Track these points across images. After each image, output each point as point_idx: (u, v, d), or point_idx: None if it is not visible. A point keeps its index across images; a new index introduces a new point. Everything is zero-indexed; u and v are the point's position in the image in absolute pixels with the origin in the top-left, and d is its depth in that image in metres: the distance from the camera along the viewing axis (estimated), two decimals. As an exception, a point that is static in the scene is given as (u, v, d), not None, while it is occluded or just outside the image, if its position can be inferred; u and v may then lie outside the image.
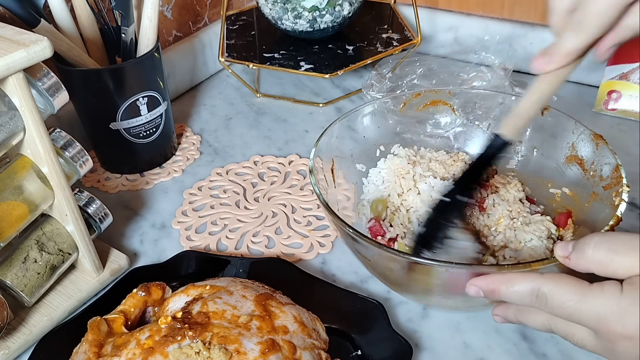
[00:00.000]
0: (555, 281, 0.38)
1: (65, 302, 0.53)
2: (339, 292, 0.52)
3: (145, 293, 0.49)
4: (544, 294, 0.38)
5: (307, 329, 0.45)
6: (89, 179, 0.72)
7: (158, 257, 0.60)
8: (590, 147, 0.53)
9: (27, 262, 0.50)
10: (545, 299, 0.38)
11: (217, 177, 0.71)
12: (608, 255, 0.36)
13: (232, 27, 0.91)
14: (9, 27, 0.45)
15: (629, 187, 0.47)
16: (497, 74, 0.75)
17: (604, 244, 0.36)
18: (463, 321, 0.52)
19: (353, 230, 0.45)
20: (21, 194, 0.48)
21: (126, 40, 0.65)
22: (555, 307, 0.38)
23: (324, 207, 0.48)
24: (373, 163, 0.62)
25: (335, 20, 0.81)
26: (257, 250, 0.60)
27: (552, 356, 0.48)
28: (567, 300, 0.37)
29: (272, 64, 0.81)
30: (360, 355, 0.47)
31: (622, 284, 0.35)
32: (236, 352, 0.41)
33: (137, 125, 0.68)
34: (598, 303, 0.36)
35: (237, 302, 0.46)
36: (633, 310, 0.34)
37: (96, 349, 0.44)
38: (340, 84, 0.89)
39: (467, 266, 0.43)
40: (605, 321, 0.35)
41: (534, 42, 0.85)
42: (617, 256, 0.36)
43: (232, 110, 0.85)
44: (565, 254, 0.38)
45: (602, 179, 0.50)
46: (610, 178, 0.49)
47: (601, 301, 0.35)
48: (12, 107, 0.44)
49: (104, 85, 0.64)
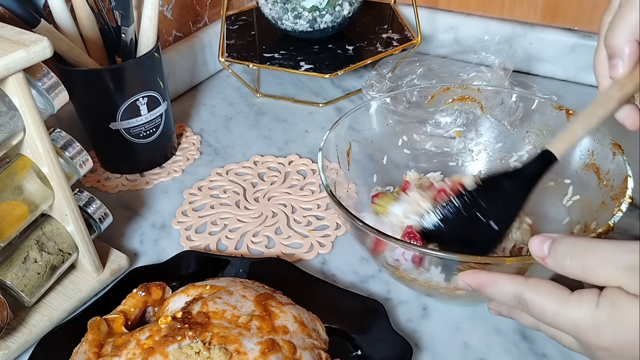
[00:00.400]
0: (536, 288, 0.38)
1: (65, 302, 0.53)
2: (339, 292, 0.52)
3: (145, 293, 0.49)
4: (525, 300, 0.38)
5: (307, 329, 0.45)
6: (89, 179, 0.72)
7: (158, 257, 0.60)
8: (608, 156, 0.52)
9: (27, 262, 0.50)
10: (526, 305, 0.38)
11: (217, 177, 0.71)
12: (584, 270, 0.36)
13: (232, 27, 0.91)
14: (9, 27, 0.45)
15: (632, 199, 0.47)
16: (497, 74, 0.75)
17: (579, 257, 0.36)
18: (463, 321, 0.52)
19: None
20: (21, 194, 0.48)
21: (126, 40, 0.65)
22: (535, 314, 0.38)
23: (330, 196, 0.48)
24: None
25: (335, 20, 0.81)
26: (257, 250, 0.60)
27: (552, 356, 0.48)
28: (545, 310, 0.37)
29: (272, 64, 0.81)
30: (360, 355, 0.47)
31: (599, 295, 0.35)
32: (236, 352, 0.41)
33: (137, 125, 0.68)
34: (575, 314, 0.36)
35: (237, 302, 0.46)
36: (607, 324, 0.34)
37: (96, 349, 0.44)
38: (340, 84, 0.89)
39: (454, 255, 0.43)
40: (582, 332, 0.35)
41: (533, 42, 0.85)
42: (593, 271, 0.35)
43: (232, 110, 0.85)
44: (541, 255, 0.38)
45: (612, 189, 0.50)
46: (619, 188, 0.49)
47: (578, 313, 0.35)
48: (12, 107, 0.44)
49: (104, 85, 0.64)
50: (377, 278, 0.56)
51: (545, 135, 0.60)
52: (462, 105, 0.64)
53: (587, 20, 0.82)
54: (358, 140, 0.61)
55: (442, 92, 0.64)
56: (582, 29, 0.83)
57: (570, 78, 0.85)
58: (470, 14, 0.90)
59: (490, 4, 0.88)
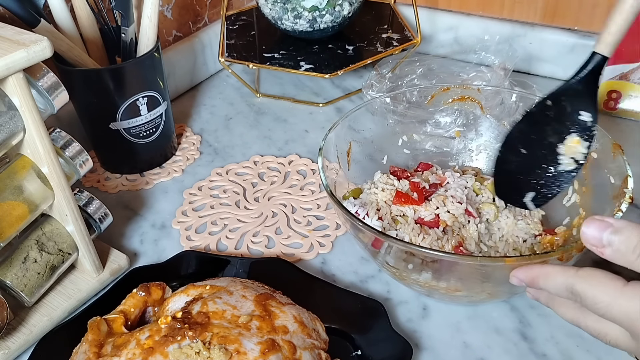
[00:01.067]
0: (589, 280, 0.36)
1: (65, 302, 0.53)
2: (339, 292, 0.52)
3: (145, 293, 0.49)
4: (577, 292, 0.37)
5: (307, 329, 0.45)
6: (89, 179, 0.72)
7: (158, 257, 0.60)
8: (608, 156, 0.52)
9: (27, 262, 0.50)
10: (579, 297, 0.37)
11: (217, 177, 0.71)
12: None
13: (232, 27, 0.91)
14: (9, 27, 0.45)
15: (632, 199, 0.47)
16: (497, 74, 0.75)
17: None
18: (463, 321, 0.52)
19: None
20: (21, 194, 0.48)
21: (126, 40, 0.65)
22: (589, 306, 0.37)
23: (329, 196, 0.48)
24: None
25: (335, 20, 0.81)
26: (257, 250, 0.60)
27: (552, 356, 0.48)
28: (598, 302, 0.36)
29: (272, 64, 0.81)
30: (360, 355, 0.47)
31: None
32: (236, 352, 0.41)
33: (137, 125, 0.68)
34: (630, 305, 0.35)
35: (237, 302, 0.46)
36: None
37: (96, 349, 0.44)
38: (340, 84, 0.89)
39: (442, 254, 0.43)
40: (636, 322, 0.34)
41: (533, 42, 0.85)
42: None
43: (232, 110, 0.85)
44: (598, 244, 0.36)
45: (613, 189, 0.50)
46: (619, 188, 0.49)
47: (633, 304, 0.34)
48: (12, 107, 0.44)
49: (104, 85, 0.64)
50: (377, 278, 0.56)
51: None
52: (462, 105, 0.64)
53: (587, 20, 0.82)
54: (358, 140, 0.61)
55: (442, 92, 0.64)
56: (582, 29, 0.83)
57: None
58: (470, 14, 0.90)
59: (490, 4, 0.88)
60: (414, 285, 0.50)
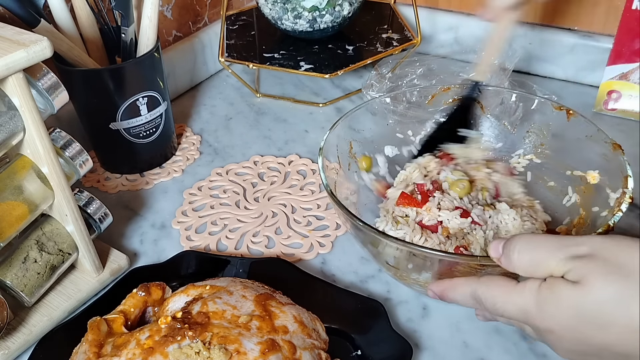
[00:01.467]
0: (487, 283, 0.39)
1: (65, 302, 0.53)
2: (339, 292, 0.52)
3: (145, 293, 0.49)
4: (479, 297, 0.40)
5: (307, 329, 0.45)
6: (89, 179, 0.72)
7: (158, 257, 0.60)
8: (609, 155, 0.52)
9: (27, 262, 0.50)
10: (481, 301, 0.40)
11: (217, 177, 0.71)
12: (532, 265, 0.37)
13: (232, 27, 0.91)
14: (9, 27, 0.45)
15: (632, 199, 0.47)
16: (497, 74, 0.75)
17: (526, 253, 0.37)
18: (463, 321, 0.52)
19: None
20: (21, 194, 0.48)
21: (126, 40, 0.65)
22: (489, 308, 0.39)
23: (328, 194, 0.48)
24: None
25: (335, 20, 0.81)
26: (257, 250, 0.60)
27: (552, 356, 0.48)
28: (496, 302, 0.38)
29: (272, 64, 0.81)
30: (360, 355, 0.47)
31: (541, 282, 0.36)
32: (236, 352, 0.41)
33: (137, 125, 0.68)
34: (520, 300, 0.37)
35: (237, 302, 0.46)
36: (548, 306, 0.35)
37: (96, 349, 0.44)
38: (340, 84, 0.89)
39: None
40: (528, 316, 0.37)
41: (533, 42, 0.85)
42: (539, 265, 0.37)
43: (232, 110, 0.85)
44: (496, 255, 0.39)
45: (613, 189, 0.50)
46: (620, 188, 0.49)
47: (522, 298, 0.37)
48: (12, 107, 0.44)
49: (104, 85, 0.64)
50: (377, 278, 0.56)
51: (545, 135, 0.60)
52: None
53: (587, 20, 0.82)
54: (358, 140, 0.61)
55: (442, 92, 0.64)
56: (582, 29, 0.83)
57: (570, 78, 0.85)
58: (470, 14, 0.90)
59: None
60: (414, 285, 0.50)
